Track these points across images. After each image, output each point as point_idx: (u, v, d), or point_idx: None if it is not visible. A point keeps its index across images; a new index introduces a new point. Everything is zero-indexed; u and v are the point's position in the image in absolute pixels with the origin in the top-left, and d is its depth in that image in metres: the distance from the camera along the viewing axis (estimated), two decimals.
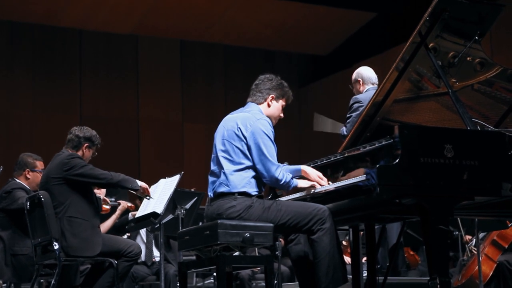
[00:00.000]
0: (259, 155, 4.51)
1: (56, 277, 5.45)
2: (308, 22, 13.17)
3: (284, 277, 7.96)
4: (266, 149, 4.51)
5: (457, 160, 4.12)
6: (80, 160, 5.69)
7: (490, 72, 4.85)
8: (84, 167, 5.64)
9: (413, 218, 4.83)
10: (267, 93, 4.76)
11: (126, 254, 5.71)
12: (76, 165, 5.63)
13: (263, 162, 4.50)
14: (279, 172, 4.49)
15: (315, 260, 4.42)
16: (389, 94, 4.74)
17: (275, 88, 4.77)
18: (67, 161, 5.65)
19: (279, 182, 4.51)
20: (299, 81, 14.29)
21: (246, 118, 4.61)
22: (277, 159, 4.56)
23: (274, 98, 4.76)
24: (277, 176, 4.49)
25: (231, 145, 4.57)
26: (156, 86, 13.18)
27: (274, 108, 4.77)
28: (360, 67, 7.06)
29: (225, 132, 4.64)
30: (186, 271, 4.76)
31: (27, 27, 12.32)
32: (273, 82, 4.78)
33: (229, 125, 4.65)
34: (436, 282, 4.02)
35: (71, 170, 5.61)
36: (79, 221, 5.56)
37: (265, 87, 4.77)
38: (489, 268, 6.87)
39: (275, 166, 4.50)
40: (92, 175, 5.62)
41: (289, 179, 4.52)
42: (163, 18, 12.70)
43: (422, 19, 4.48)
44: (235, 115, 4.71)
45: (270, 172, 4.49)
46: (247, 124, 4.57)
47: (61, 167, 5.64)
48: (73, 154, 5.74)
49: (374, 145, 4.33)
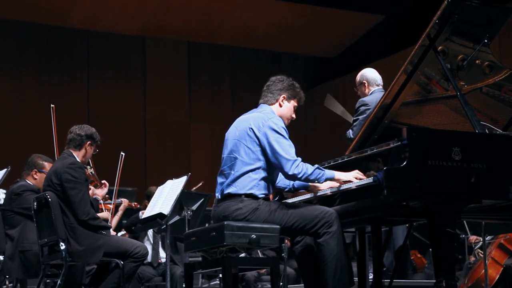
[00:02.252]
0: (273, 153, 4.47)
1: (62, 277, 5.45)
2: (316, 24, 13.17)
3: (290, 279, 7.96)
4: (280, 146, 4.46)
5: (465, 163, 4.11)
6: (78, 176, 5.59)
7: (499, 75, 4.84)
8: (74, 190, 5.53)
9: (420, 220, 4.82)
10: (278, 93, 4.74)
11: (133, 255, 5.69)
12: (71, 181, 5.55)
13: (278, 160, 4.45)
14: (295, 166, 4.41)
15: (322, 263, 4.41)
16: (397, 97, 4.73)
17: (287, 89, 4.76)
18: (68, 169, 5.59)
19: (298, 176, 4.43)
20: (305, 83, 14.28)
21: (258, 118, 4.59)
22: (295, 154, 4.46)
23: (286, 99, 4.75)
24: (293, 171, 4.40)
25: (243, 145, 4.56)
26: (163, 86, 13.20)
27: (285, 108, 4.75)
28: (364, 69, 6.99)
29: (237, 133, 4.62)
30: (192, 272, 4.75)
31: (35, 27, 12.35)
32: (284, 83, 4.77)
33: (241, 126, 4.63)
34: (442, 285, 4.02)
35: (65, 183, 5.56)
36: (80, 229, 5.54)
37: (276, 88, 4.76)
38: (495, 271, 6.87)
39: (291, 161, 4.41)
40: (74, 205, 5.52)
41: (312, 171, 4.41)
42: (170, 19, 12.71)
43: (431, 22, 4.47)
44: (248, 115, 4.69)
45: (287, 168, 4.42)
46: (259, 124, 4.54)
47: (61, 174, 5.60)
48: (76, 163, 5.67)
49: (382, 147, 4.33)
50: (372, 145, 4.66)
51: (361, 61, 12.82)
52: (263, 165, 4.53)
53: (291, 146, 4.48)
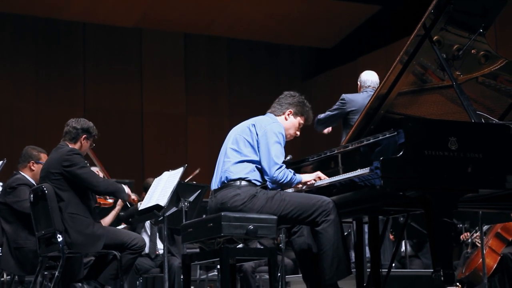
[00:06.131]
0: (265, 153, 4.58)
1: (60, 269, 5.46)
2: (312, 15, 13.16)
3: (287, 270, 7.97)
4: (273, 149, 4.58)
5: (461, 153, 4.12)
6: (81, 159, 5.66)
7: (494, 65, 4.85)
8: (83, 169, 5.62)
9: (417, 210, 4.83)
10: (286, 107, 4.84)
11: (130, 247, 5.71)
12: (76, 164, 5.60)
13: (267, 161, 4.57)
14: (280, 171, 4.55)
15: (320, 251, 4.45)
16: (393, 87, 4.74)
17: (296, 105, 4.86)
18: (68, 157, 5.62)
19: (279, 181, 4.57)
20: (302, 74, 14.29)
21: (262, 119, 4.76)
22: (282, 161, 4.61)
23: (292, 113, 4.84)
24: (277, 176, 4.54)
25: (243, 138, 4.68)
26: (159, 79, 13.18)
27: (290, 123, 4.84)
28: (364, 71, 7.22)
29: (239, 129, 4.77)
30: (190, 263, 4.78)
31: (30, 20, 12.32)
32: (294, 99, 4.87)
33: (244, 124, 4.78)
34: (440, 274, 4.04)
35: (70, 168, 5.59)
36: (81, 218, 5.56)
37: (286, 101, 4.86)
38: (493, 260, 6.89)
39: (277, 166, 4.55)
40: (89, 180, 5.61)
41: (290, 177, 4.58)
42: (167, 11, 12.69)
43: (426, 12, 4.48)
44: (253, 118, 4.83)
45: (272, 171, 4.55)
46: (261, 123, 4.69)
47: (60, 162, 5.62)
48: (73, 149, 5.71)
49: (378, 137, 4.34)
50: (368, 135, 4.67)
51: (357, 52, 12.83)
52: (258, 159, 4.63)
53: (282, 154, 4.61)
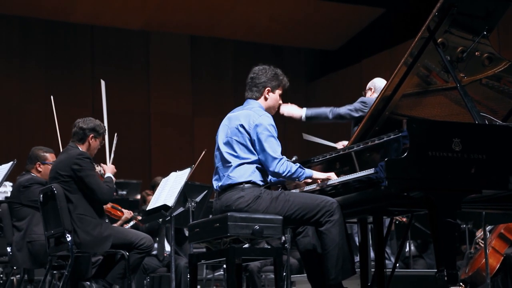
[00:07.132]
0: (261, 150, 4.57)
1: (69, 268, 5.51)
2: (317, 17, 13.20)
3: (293, 269, 8.01)
4: (268, 143, 4.56)
5: (465, 154, 4.15)
6: (89, 164, 5.69)
7: (498, 66, 4.88)
8: (90, 177, 5.64)
9: (421, 211, 4.87)
10: (262, 86, 4.80)
11: (138, 247, 5.75)
12: (84, 169, 5.64)
13: (265, 156, 4.55)
14: (281, 164, 4.52)
15: (324, 252, 4.46)
16: (398, 89, 4.77)
17: (270, 80, 4.81)
18: (78, 160, 5.64)
19: (282, 175, 4.55)
20: (307, 76, 14.33)
21: (248, 115, 4.68)
22: (281, 153, 4.58)
23: (270, 91, 4.81)
24: (278, 170, 4.52)
25: (235, 142, 4.65)
26: (166, 80, 13.25)
27: (271, 100, 4.82)
28: (376, 78, 7.18)
29: (229, 130, 4.71)
30: (196, 262, 4.80)
31: (39, 22, 12.40)
32: (267, 75, 4.81)
33: (232, 123, 4.72)
34: (443, 274, 4.06)
35: (79, 172, 5.64)
36: (88, 219, 5.60)
37: (260, 81, 4.80)
38: (496, 261, 6.90)
39: (277, 160, 4.53)
40: (94, 192, 5.64)
41: (295, 169, 4.54)
42: (173, 14, 12.76)
43: (430, 14, 4.52)
44: (237, 113, 4.77)
45: (272, 166, 4.53)
46: (249, 121, 4.64)
47: (70, 165, 5.66)
48: (83, 153, 5.72)
49: (383, 139, 4.37)
50: (373, 136, 4.70)
51: (361, 54, 12.87)
52: (256, 158, 4.62)
53: (279, 145, 4.59)
